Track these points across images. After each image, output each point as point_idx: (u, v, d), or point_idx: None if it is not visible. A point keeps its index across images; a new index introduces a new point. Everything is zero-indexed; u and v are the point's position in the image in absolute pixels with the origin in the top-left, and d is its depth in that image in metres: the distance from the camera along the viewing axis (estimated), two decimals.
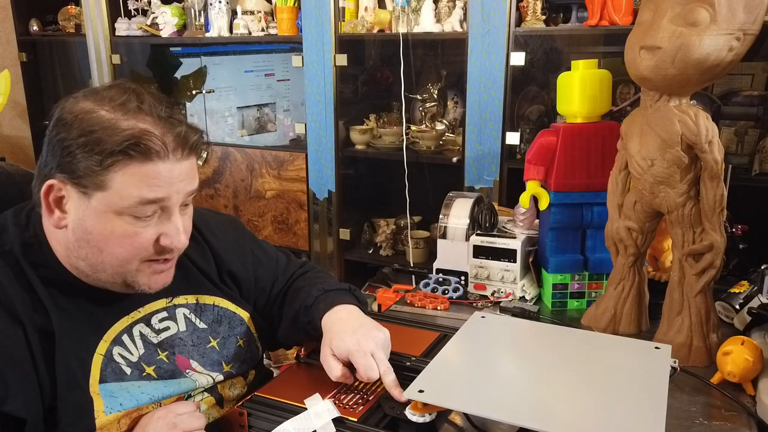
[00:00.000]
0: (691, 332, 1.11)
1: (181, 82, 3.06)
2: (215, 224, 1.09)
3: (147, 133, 0.81)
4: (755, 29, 1.00)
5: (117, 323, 0.91)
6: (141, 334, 0.93)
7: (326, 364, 0.95)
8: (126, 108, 0.83)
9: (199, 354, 0.99)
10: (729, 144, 2.01)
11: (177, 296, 0.99)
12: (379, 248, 2.59)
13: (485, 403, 0.81)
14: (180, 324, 0.98)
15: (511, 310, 1.31)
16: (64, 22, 3.19)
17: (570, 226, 1.34)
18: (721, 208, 1.06)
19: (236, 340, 1.04)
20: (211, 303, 1.02)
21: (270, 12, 2.67)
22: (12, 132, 3.54)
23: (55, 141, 0.83)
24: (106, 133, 0.80)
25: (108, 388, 0.87)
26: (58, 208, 0.85)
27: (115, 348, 0.90)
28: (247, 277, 1.09)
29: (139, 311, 0.94)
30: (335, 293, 1.06)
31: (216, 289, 1.04)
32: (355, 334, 0.95)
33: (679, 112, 1.06)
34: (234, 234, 1.12)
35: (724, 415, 0.97)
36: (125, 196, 0.82)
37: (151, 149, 0.81)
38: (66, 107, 0.84)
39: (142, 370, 0.91)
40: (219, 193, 2.82)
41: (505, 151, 2.18)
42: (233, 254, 1.08)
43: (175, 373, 0.95)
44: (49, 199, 0.84)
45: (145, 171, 0.82)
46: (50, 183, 0.83)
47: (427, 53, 2.58)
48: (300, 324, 1.06)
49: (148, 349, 0.93)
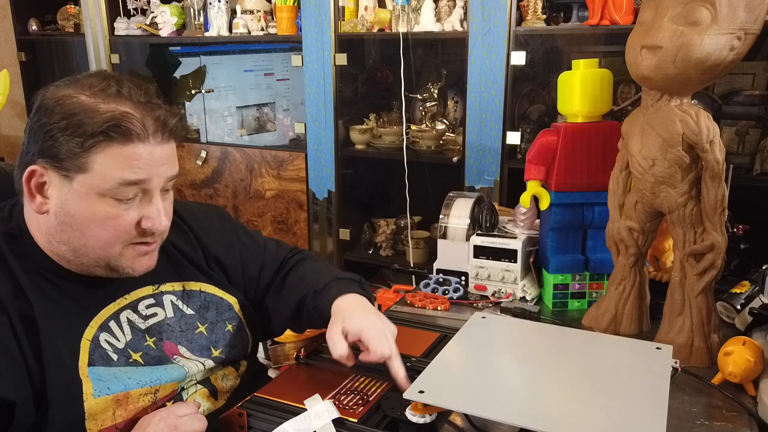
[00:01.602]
0: (692, 332, 1.11)
1: (180, 81, 3.06)
2: (201, 213, 1.10)
3: (127, 115, 0.83)
4: (756, 29, 1.00)
5: (104, 309, 0.92)
6: (128, 320, 0.94)
7: (332, 341, 0.95)
8: (106, 93, 0.84)
9: (187, 340, 0.99)
10: (730, 144, 2.01)
11: (163, 283, 1.00)
12: (379, 248, 2.59)
13: (486, 403, 0.81)
14: (167, 310, 0.99)
15: (512, 311, 1.31)
16: (63, 21, 3.19)
17: (571, 226, 1.34)
18: (722, 208, 1.06)
19: (225, 326, 1.04)
20: (198, 289, 1.03)
21: (269, 11, 2.66)
22: (11, 132, 3.54)
23: (36, 127, 0.84)
24: (86, 116, 0.82)
25: (96, 371, 0.88)
26: (39, 193, 0.86)
27: (102, 334, 0.91)
28: (234, 263, 1.10)
29: (125, 297, 0.95)
30: (347, 282, 1.07)
31: (202, 275, 1.05)
32: (369, 316, 0.97)
33: (680, 112, 1.05)
34: (220, 222, 1.13)
35: (725, 415, 0.97)
36: (107, 178, 0.83)
37: (132, 131, 0.83)
38: (47, 94, 0.85)
39: (128, 357, 0.92)
40: (218, 193, 2.81)
41: (506, 150, 2.18)
42: (219, 241, 1.09)
43: (163, 359, 0.95)
44: (31, 185, 0.85)
45: (126, 153, 0.83)
46: (32, 169, 0.84)
47: (427, 52, 2.58)
48: (304, 309, 1.06)
49: (135, 335, 0.94)
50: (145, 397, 0.91)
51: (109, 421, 0.88)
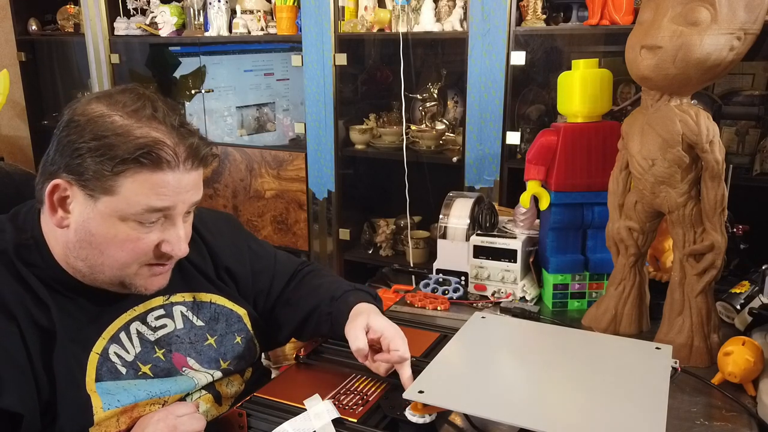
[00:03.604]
0: (692, 332, 1.11)
1: (180, 81, 3.06)
2: (211, 222, 1.10)
3: (160, 143, 0.82)
4: (756, 29, 1.00)
5: (114, 321, 0.92)
6: (138, 331, 0.93)
7: (353, 335, 0.95)
8: (139, 115, 0.83)
9: (196, 352, 0.99)
10: (730, 144, 2.01)
11: (174, 294, 0.99)
12: (378, 248, 2.59)
13: (485, 403, 0.81)
14: (177, 321, 0.98)
15: (512, 311, 1.30)
16: (63, 21, 3.19)
17: (570, 226, 1.34)
18: (722, 208, 1.06)
19: (234, 338, 1.03)
20: (208, 300, 1.03)
21: (269, 11, 2.66)
22: (11, 132, 3.53)
23: (65, 142, 0.83)
24: (119, 140, 0.81)
25: (104, 386, 0.87)
26: (61, 207, 0.85)
27: (112, 346, 0.90)
28: (244, 273, 1.09)
29: (135, 309, 0.94)
30: (364, 293, 1.09)
31: (213, 287, 1.04)
32: (390, 322, 0.98)
33: (680, 112, 1.05)
34: (230, 231, 1.12)
35: (724, 415, 0.97)
36: (133, 203, 0.82)
37: (163, 159, 0.82)
38: (78, 109, 0.84)
39: (137, 370, 0.92)
40: (218, 193, 2.81)
41: (506, 150, 2.18)
42: (229, 251, 1.08)
43: (172, 372, 0.95)
44: (54, 198, 0.84)
45: (154, 180, 0.82)
46: (56, 182, 0.83)
47: (427, 52, 2.58)
48: (316, 315, 1.07)
49: (144, 347, 0.93)
50: (153, 407, 0.91)
51: (113, 427, 0.87)
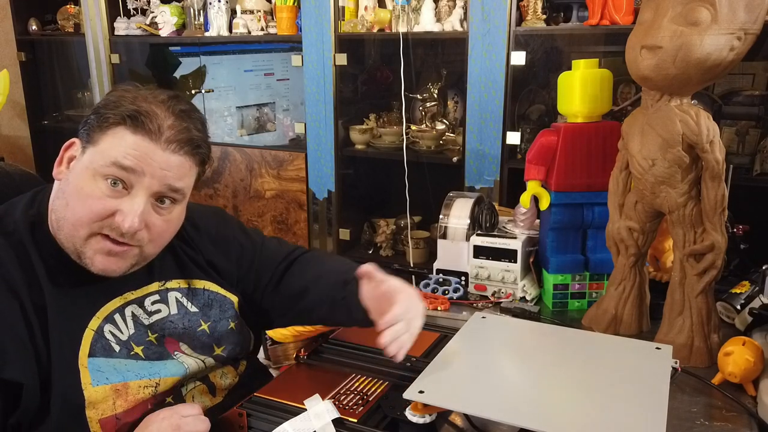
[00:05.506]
0: (692, 333, 1.11)
1: (180, 81, 3.06)
2: (197, 215, 1.10)
3: (150, 114, 0.87)
4: (756, 29, 1.00)
5: (110, 302, 0.93)
6: (133, 314, 0.95)
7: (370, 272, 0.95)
8: (154, 95, 0.90)
9: (189, 337, 1.00)
10: (730, 144, 2.01)
11: (170, 280, 1.01)
12: (379, 248, 2.59)
13: (486, 403, 0.81)
14: (171, 307, 1.00)
15: (512, 311, 1.31)
16: (63, 21, 3.18)
17: (571, 226, 1.34)
18: (722, 208, 1.06)
19: (227, 323, 1.04)
20: (202, 287, 1.04)
21: (269, 11, 2.66)
22: (11, 132, 3.53)
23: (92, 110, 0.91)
24: (121, 102, 0.87)
25: (96, 362, 0.89)
26: (67, 164, 0.90)
27: (107, 325, 0.92)
28: (228, 267, 1.09)
29: (133, 293, 0.96)
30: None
31: (204, 275, 1.05)
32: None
33: (680, 112, 1.05)
34: (216, 224, 1.12)
35: (725, 415, 0.97)
36: (105, 155, 0.86)
37: (145, 125, 0.86)
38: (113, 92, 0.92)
39: (130, 349, 0.93)
40: (218, 193, 2.81)
41: (506, 150, 2.18)
42: (213, 244, 1.09)
43: (163, 355, 0.96)
44: (65, 153, 0.91)
45: (130, 140, 0.86)
46: (74, 140, 0.91)
47: (427, 53, 2.58)
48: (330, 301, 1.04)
49: (138, 330, 0.95)
50: (145, 390, 0.92)
51: (109, 410, 0.88)
